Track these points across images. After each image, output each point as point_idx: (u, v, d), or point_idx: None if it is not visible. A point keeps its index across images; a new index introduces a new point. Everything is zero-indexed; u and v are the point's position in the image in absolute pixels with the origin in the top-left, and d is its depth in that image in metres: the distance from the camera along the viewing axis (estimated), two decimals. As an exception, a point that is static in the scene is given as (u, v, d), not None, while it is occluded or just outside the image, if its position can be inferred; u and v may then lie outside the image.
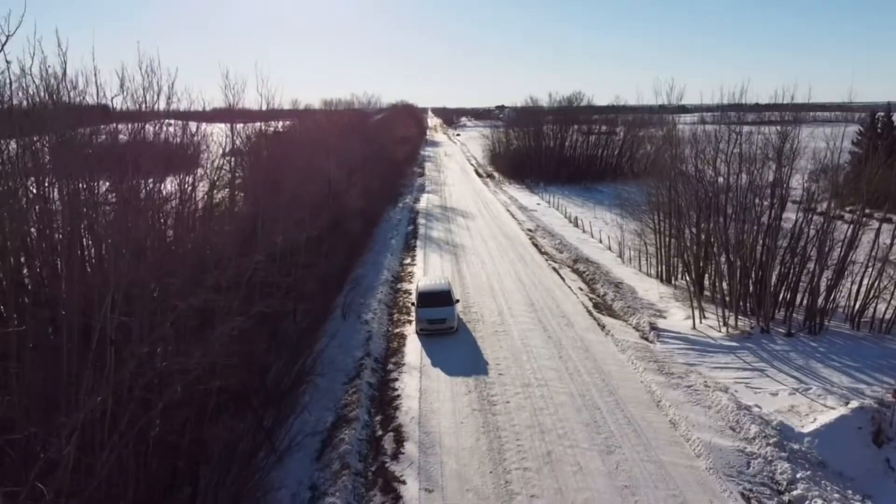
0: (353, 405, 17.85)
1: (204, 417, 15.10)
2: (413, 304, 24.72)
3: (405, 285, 30.12)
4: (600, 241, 40.47)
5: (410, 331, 23.93)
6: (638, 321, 23.96)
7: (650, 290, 29.52)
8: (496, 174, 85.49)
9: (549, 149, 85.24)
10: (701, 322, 23.83)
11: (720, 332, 22.91)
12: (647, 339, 22.50)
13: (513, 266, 33.67)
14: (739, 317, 23.44)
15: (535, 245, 39.41)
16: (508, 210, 54.21)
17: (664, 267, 31.70)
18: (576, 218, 48.67)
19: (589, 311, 25.75)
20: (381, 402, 18.45)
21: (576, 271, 32.42)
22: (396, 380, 19.84)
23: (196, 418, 14.16)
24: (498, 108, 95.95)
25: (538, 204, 59.95)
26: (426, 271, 32.63)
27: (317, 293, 25.87)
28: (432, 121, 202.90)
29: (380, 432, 16.75)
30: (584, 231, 44.54)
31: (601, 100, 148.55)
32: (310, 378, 19.81)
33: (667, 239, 30.94)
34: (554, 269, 33.14)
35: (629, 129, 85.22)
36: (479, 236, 42.23)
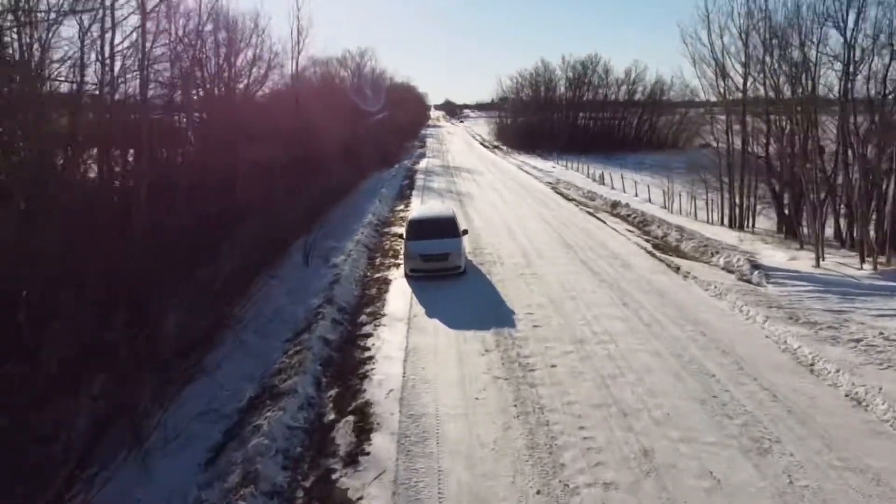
0: (291, 370, 10.53)
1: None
2: (401, 239, 17.33)
3: (395, 229, 22.70)
4: (636, 195, 33.05)
5: (398, 276, 16.59)
6: (728, 261, 16.55)
7: (719, 233, 22.14)
8: (503, 146, 77.69)
9: (561, 120, 77.73)
10: (824, 259, 16.42)
11: (861, 269, 15.52)
12: (748, 280, 15.11)
13: (534, 210, 26.29)
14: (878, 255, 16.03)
15: (560, 194, 32.04)
16: (522, 169, 46.81)
17: (732, 213, 24.34)
18: (601, 175, 41.12)
19: (650, 253, 18.36)
20: (340, 367, 11.13)
21: (617, 216, 25.00)
22: (369, 335, 12.52)
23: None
24: (501, 99, 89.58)
25: (554, 167, 52.42)
26: (423, 216, 25.20)
27: (271, 229, 18.66)
28: (434, 112, 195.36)
29: (331, 416, 9.46)
30: (613, 188, 36.99)
31: (619, 62, 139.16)
32: (229, 332, 12.58)
33: (739, 185, 23.56)
34: (588, 213, 25.73)
35: (650, 98, 77.88)
36: (490, 186, 34.86)
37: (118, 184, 13.52)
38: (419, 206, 20.96)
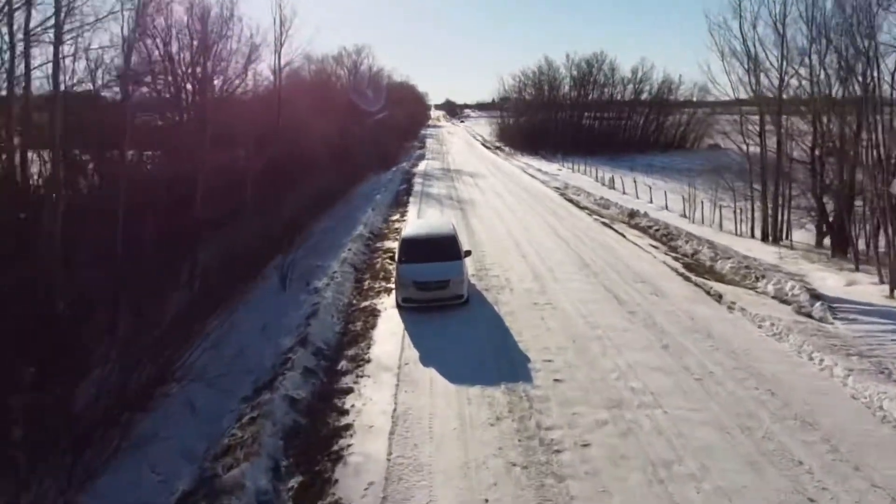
0: (242, 449, 8.01)
1: None
2: (393, 259, 14.80)
3: (388, 244, 20.17)
4: (650, 201, 30.56)
5: (388, 305, 14.06)
6: (779, 288, 14.01)
7: (753, 249, 19.65)
8: (506, 147, 75.01)
9: (565, 120, 75.09)
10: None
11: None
12: (809, 314, 12.58)
13: (544, 220, 23.77)
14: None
15: (570, 200, 29.52)
16: (526, 172, 44.28)
17: (765, 224, 21.84)
18: (611, 179, 38.57)
19: (682, 275, 15.83)
20: (308, 441, 8.59)
21: (636, 227, 22.47)
22: (349, 391, 9.98)
23: None
24: (503, 99, 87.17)
25: (559, 169, 49.92)
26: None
27: (246, 249, 16.20)
28: (434, 112, 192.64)
29: (288, 526, 6.94)
30: (624, 193, 34.44)
31: (626, 59, 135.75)
32: (174, 385, 10.11)
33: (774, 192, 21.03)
34: (604, 224, 23.21)
35: (657, 98, 75.25)
36: (493, 192, 32.35)
37: (32, 193, 10.96)
38: (414, 220, 18.35)
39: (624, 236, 20.66)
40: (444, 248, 13.99)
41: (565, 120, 74.65)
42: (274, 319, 13.23)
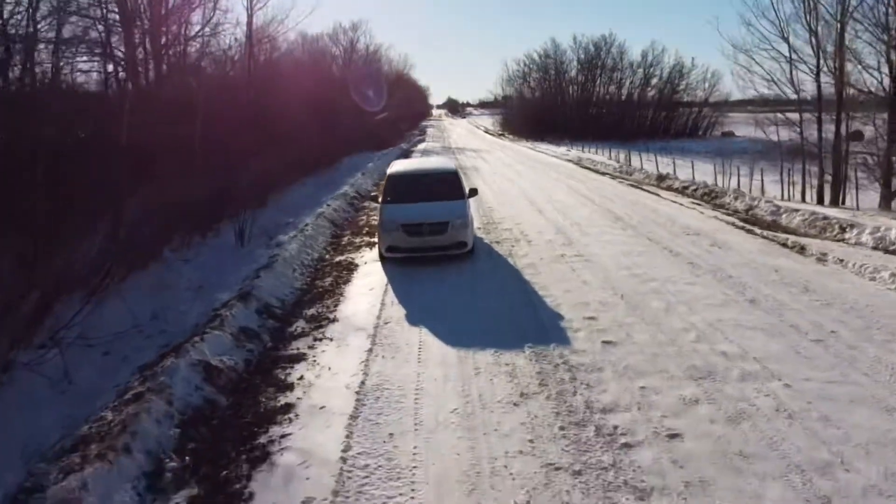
0: (100, 443, 4.79)
1: None
2: (376, 199, 11.53)
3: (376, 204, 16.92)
4: (673, 171, 27.26)
5: (370, 259, 10.83)
6: (879, 237, 10.80)
7: (816, 210, 16.39)
8: (510, 135, 71.67)
9: (572, 106, 71.72)
10: None
11: None
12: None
13: (560, 182, 20.60)
14: None
15: (586, 168, 26.31)
16: (534, 150, 41.02)
17: (821, 188, 18.62)
18: (627, 156, 35.20)
19: (744, 229, 12.60)
20: (220, 431, 5.37)
21: (669, 188, 19.21)
22: (299, 358, 6.75)
23: None
24: (504, 98, 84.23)
25: (568, 150, 46.60)
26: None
27: (197, 204, 13.04)
28: (436, 111, 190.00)
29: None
30: (642, 167, 31.10)
31: (636, 42, 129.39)
32: (55, 350, 6.88)
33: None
34: (631, 185, 20.00)
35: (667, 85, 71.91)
36: (500, 162, 29.18)
37: None
38: (403, 161, 14.76)
39: (658, 196, 17.42)
40: (442, 186, 10.78)
41: (572, 105, 71.40)
42: (217, 277, 10.04)
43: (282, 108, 22.87)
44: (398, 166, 11.98)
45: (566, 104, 70.86)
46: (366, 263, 10.50)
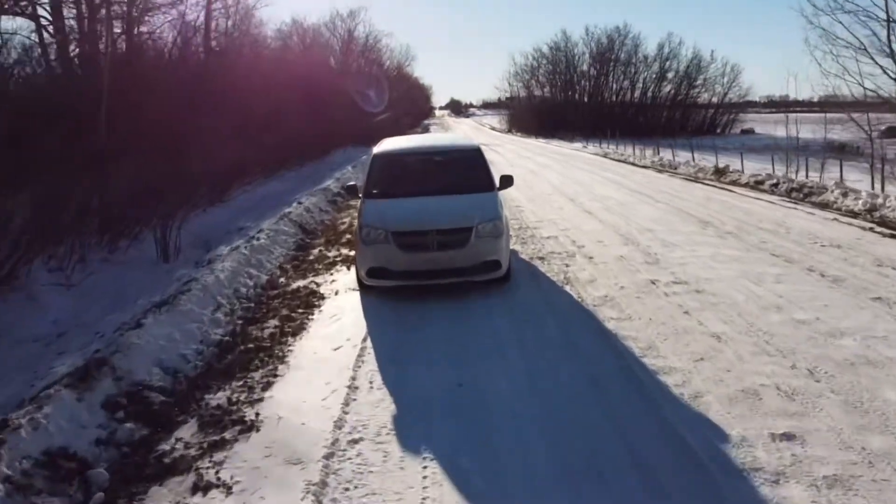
0: None
1: None
2: (354, 191, 7.53)
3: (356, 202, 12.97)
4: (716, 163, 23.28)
5: (344, 285, 6.85)
6: None
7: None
8: (518, 133, 67.53)
9: (584, 101, 67.50)
10: None
11: None
12: None
13: (597, 175, 16.68)
14: None
15: (619, 161, 22.39)
16: (549, 145, 37.08)
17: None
18: (655, 150, 31.05)
19: (888, 235, 8.66)
20: None
21: (736, 183, 15.23)
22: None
23: None
24: (509, 99, 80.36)
25: (584, 146, 42.54)
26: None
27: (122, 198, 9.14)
28: (439, 112, 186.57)
29: None
30: (674, 160, 27.09)
31: (652, 33, 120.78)
32: None
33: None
34: (687, 179, 16.07)
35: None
36: (516, 154, 25.32)
37: None
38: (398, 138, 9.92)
39: (732, 191, 13.47)
40: (458, 172, 6.90)
41: (584, 101, 67.37)
42: (100, 313, 6.19)
43: (261, 93, 19.07)
44: (389, 144, 7.98)
45: (578, 99, 66.74)
46: (336, 294, 6.56)
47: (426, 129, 68.78)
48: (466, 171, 6.86)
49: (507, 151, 27.39)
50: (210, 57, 16.45)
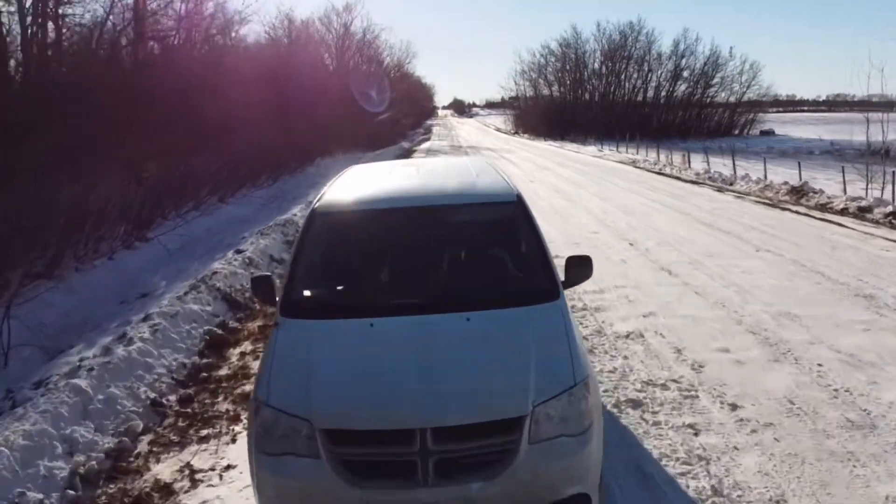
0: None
1: None
2: (270, 296, 3.31)
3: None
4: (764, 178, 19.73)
5: (246, 467, 3.29)
6: None
7: None
8: (525, 134, 63.91)
9: (595, 102, 63.72)
10: None
11: None
12: None
13: (641, 197, 13.09)
14: None
15: (653, 171, 18.85)
16: (564, 150, 33.48)
17: None
18: (685, 156, 27.35)
19: None
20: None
21: (825, 208, 11.63)
22: None
23: None
24: (512, 98, 76.85)
25: (600, 150, 38.88)
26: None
27: None
28: (442, 112, 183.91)
29: None
30: (708, 167, 23.39)
31: (667, 29, 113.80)
32: None
33: None
34: (765, 204, 12.45)
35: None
36: (531, 164, 21.76)
37: None
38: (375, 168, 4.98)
39: (844, 227, 9.85)
40: (481, 251, 3.29)
41: (595, 100, 63.78)
42: None
43: (218, 96, 15.63)
44: (348, 186, 3.91)
45: (588, 99, 63.12)
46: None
47: (428, 130, 65.25)
48: (499, 250, 3.32)
49: (520, 160, 23.83)
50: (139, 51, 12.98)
